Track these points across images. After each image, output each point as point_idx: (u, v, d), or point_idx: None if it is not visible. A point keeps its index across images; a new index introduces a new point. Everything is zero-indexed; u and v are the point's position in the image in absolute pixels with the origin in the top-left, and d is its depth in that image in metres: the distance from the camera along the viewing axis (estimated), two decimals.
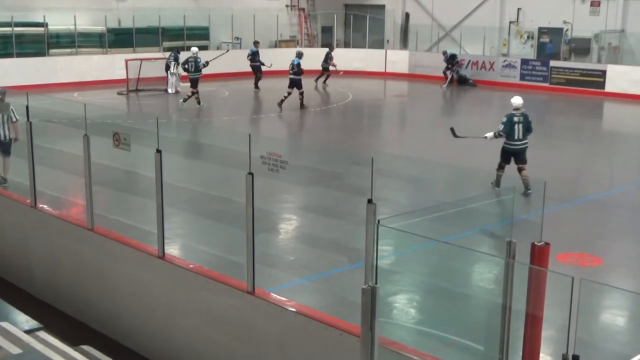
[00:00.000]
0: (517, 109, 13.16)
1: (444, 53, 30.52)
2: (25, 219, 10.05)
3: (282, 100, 23.08)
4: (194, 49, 24.37)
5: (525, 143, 13.14)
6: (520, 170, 13.03)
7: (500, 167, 13.27)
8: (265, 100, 25.67)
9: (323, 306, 8.03)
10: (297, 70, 23.07)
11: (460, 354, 6.67)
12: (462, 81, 30.29)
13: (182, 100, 23.06)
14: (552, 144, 18.99)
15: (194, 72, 23.34)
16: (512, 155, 13.17)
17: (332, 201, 12.97)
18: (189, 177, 14.50)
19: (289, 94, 23.14)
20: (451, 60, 30.11)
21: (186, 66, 23.53)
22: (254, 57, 28.30)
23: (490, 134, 13.36)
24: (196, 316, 7.50)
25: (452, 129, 14.54)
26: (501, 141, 13.25)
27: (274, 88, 26.87)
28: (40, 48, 27.74)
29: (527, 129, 13.16)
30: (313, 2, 36.74)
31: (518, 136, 13.04)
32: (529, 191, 12.70)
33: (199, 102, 23.11)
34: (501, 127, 13.09)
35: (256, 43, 28.83)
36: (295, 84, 23.11)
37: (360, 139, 19.06)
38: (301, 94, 23.17)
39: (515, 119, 13.07)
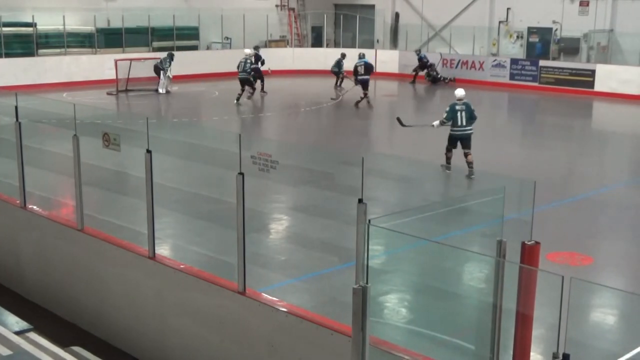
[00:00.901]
0: (460, 99, 14.57)
1: (417, 52, 30.98)
2: (14, 219, 10.00)
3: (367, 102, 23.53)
4: (247, 51, 25.16)
5: (470, 129, 14.50)
6: (466, 155, 14.34)
7: (448, 151, 14.65)
8: (256, 101, 25.62)
9: (314, 306, 8.03)
10: (366, 70, 23.57)
11: (451, 353, 6.68)
12: (435, 81, 30.59)
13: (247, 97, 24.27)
14: (541, 144, 19.07)
15: (242, 73, 24.46)
16: (458, 140, 14.50)
17: (323, 201, 12.97)
18: (180, 177, 14.47)
19: (365, 94, 23.61)
20: (421, 62, 30.51)
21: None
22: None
23: (436, 122, 14.80)
24: (187, 316, 7.48)
25: (398, 119, 16.00)
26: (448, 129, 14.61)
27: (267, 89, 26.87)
28: (29, 48, 27.64)
29: (471, 117, 14.53)
30: (303, 2, 36.72)
31: (461, 123, 14.42)
32: (473, 176, 14.16)
33: (249, 97, 24.57)
34: (445, 115, 14.56)
35: (257, 48, 28.58)
36: (365, 83, 23.53)
37: (350, 139, 19.06)
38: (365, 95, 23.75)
39: (458, 107, 14.49)
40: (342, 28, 35.94)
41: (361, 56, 24.73)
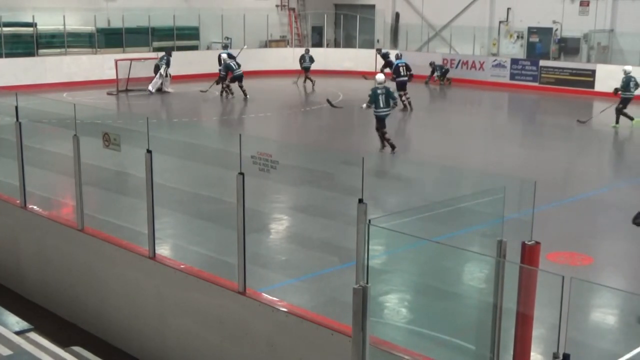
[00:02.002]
0: (380, 83, 16.61)
1: (379, 50, 30.83)
2: (15, 219, 10.00)
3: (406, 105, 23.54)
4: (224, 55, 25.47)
5: (388, 111, 16.69)
6: (380, 130, 16.54)
7: (378, 129, 16.69)
8: (254, 100, 25.63)
9: (314, 306, 8.03)
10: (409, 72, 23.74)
11: (452, 353, 6.67)
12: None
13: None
14: (541, 144, 19.07)
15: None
16: (382, 119, 16.53)
17: (323, 201, 12.97)
18: (180, 178, 14.47)
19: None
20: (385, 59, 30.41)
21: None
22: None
23: (364, 105, 16.86)
24: (187, 316, 7.48)
25: (328, 100, 18.99)
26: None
27: (263, 88, 26.87)
28: (29, 48, 27.63)
29: (389, 100, 16.64)
30: (303, 2, 36.72)
31: (382, 104, 16.44)
32: (383, 147, 16.50)
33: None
34: (369, 99, 16.54)
35: (226, 47, 28.76)
36: (404, 84, 23.55)
37: (350, 139, 19.06)
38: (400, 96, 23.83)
39: (379, 91, 16.48)
40: (342, 28, 35.94)
41: (399, 56, 24.70)
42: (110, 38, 29.58)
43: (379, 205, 11.33)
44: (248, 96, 25.20)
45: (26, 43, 27.57)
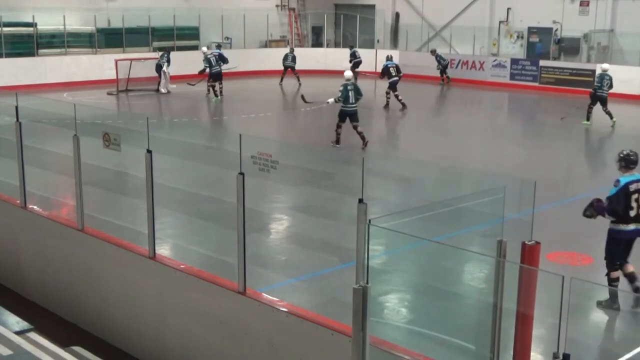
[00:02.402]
0: (348, 79, 17.07)
1: (351, 48, 30.95)
2: (15, 219, 10.00)
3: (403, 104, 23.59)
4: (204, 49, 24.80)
5: (356, 106, 17.00)
6: (355, 127, 16.90)
7: (339, 127, 17.10)
8: (254, 101, 25.64)
9: (314, 306, 8.03)
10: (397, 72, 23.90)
11: (452, 353, 6.68)
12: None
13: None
14: (542, 143, 19.06)
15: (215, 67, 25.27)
16: (348, 115, 16.92)
17: (323, 201, 12.97)
18: (180, 178, 14.47)
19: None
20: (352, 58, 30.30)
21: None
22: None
23: (331, 100, 17.34)
24: (187, 316, 7.48)
25: (302, 96, 19.46)
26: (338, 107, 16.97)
27: (263, 88, 26.87)
28: (29, 48, 27.61)
29: (358, 94, 16.95)
30: (303, 2, 36.72)
31: (352, 100, 16.84)
32: (366, 141, 16.75)
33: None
34: (339, 94, 16.80)
35: (219, 46, 28.83)
36: (395, 85, 23.78)
37: (350, 139, 19.05)
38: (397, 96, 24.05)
39: (349, 87, 16.87)
40: (342, 28, 35.93)
41: (389, 58, 24.86)
42: (110, 38, 29.58)
43: (378, 205, 11.32)
44: (220, 97, 25.38)
45: (26, 43, 27.56)
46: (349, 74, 17.40)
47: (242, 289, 6.78)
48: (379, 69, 27.14)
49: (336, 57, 32.50)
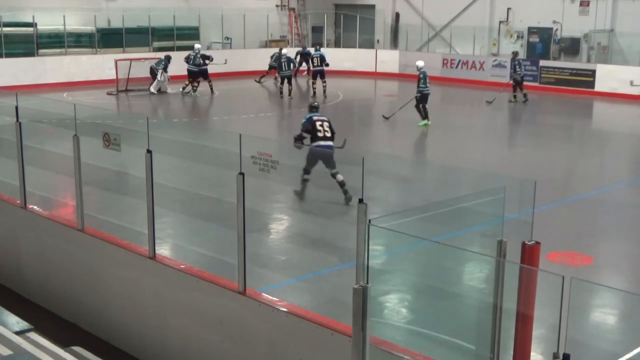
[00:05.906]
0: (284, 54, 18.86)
1: (304, 48, 30.98)
2: (15, 219, 10.00)
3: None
4: (197, 45, 24.93)
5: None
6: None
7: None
8: (256, 100, 25.64)
9: (314, 306, 8.03)
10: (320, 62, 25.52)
11: (452, 353, 6.67)
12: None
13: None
14: (542, 143, 19.06)
15: (192, 66, 25.30)
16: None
17: (323, 201, 12.96)
18: (180, 178, 14.46)
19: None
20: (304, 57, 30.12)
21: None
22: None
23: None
24: (187, 317, 7.48)
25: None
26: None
27: (263, 88, 26.84)
28: (29, 48, 27.61)
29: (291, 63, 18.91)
30: (303, 2, 36.73)
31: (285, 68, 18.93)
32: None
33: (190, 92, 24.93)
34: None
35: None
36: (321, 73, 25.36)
37: (350, 139, 19.03)
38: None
39: (283, 59, 18.82)
40: (342, 28, 35.94)
41: (317, 49, 26.02)
42: (110, 38, 29.58)
43: (378, 205, 11.32)
44: (195, 95, 25.71)
45: (26, 43, 27.55)
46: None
47: (242, 289, 6.78)
48: (379, 69, 27.28)
49: (336, 57, 32.39)
